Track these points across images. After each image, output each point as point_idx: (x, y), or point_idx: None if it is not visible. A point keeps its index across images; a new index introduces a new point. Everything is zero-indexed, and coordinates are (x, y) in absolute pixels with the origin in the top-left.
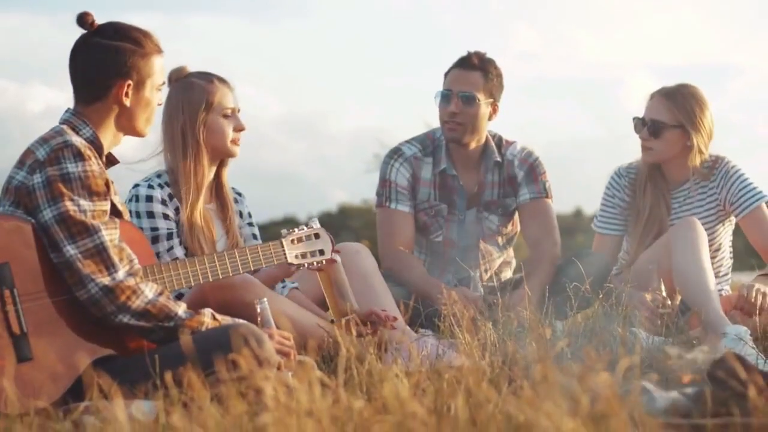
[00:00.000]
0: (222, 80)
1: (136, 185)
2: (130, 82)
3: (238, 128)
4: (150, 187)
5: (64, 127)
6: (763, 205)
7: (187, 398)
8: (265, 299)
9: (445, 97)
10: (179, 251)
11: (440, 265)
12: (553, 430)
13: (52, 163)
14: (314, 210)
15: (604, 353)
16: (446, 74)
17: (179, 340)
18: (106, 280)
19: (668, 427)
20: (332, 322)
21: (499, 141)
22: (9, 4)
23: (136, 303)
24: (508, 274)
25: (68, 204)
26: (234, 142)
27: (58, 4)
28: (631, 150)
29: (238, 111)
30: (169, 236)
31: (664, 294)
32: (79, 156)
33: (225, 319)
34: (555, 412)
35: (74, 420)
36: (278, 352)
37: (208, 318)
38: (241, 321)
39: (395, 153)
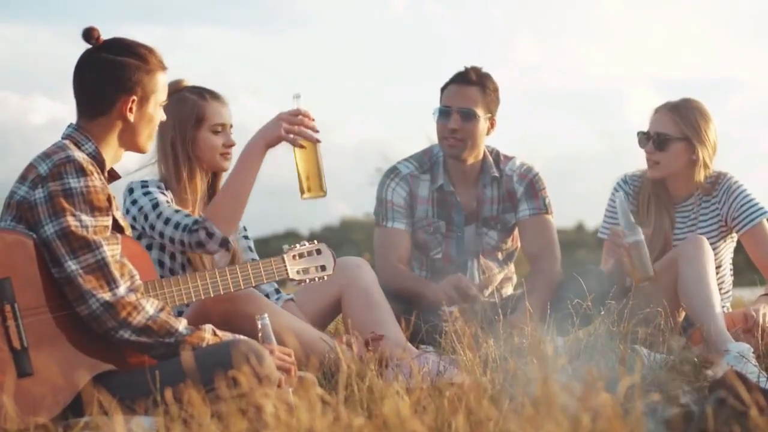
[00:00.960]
0: (215, 96)
1: (130, 183)
2: (134, 97)
3: (228, 144)
4: (144, 182)
5: (67, 142)
6: (765, 221)
7: (187, 415)
8: (266, 315)
9: (444, 113)
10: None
11: (439, 280)
12: None
13: (54, 178)
14: (316, 224)
15: (605, 371)
16: (443, 89)
17: (179, 357)
18: (107, 295)
19: None
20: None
21: (497, 156)
22: (11, 15)
23: (137, 319)
24: (509, 290)
25: (70, 219)
26: (223, 156)
27: (61, 15)
28: (632, 164)
29: (231, 127)
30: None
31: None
32: (81, 171)
33: (226, 335)
34: (556, 431)
35: None
36: (279, 369)
37: (208, 334)
38: (241, 337)
39: (391, 172)
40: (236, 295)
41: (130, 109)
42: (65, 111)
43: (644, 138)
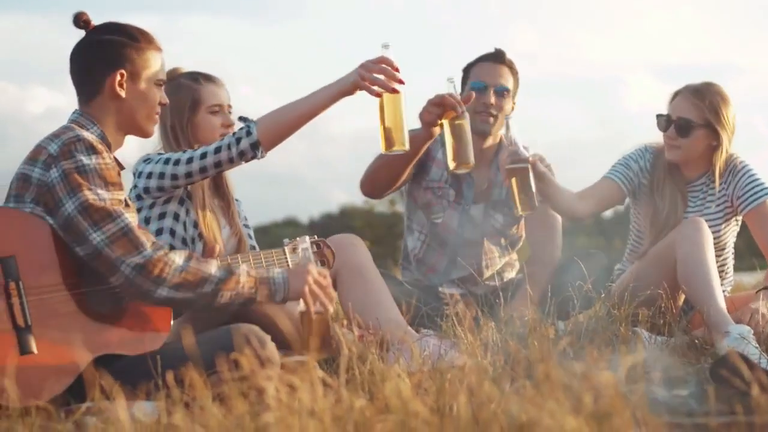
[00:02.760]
0: (209, 78)
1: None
2: (122, 71)
3: (226, 124)
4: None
5: (73, 125)
6: None
7: (189, 398)
8: (306, 237)
9: (482, 88)
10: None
11: (437, 247)
12: (556, 429)
13: (65, 157)
14: (315, 211)
15: (606, 352)
16: (471, 66)
17: (216, 310)
18: (137, 258)
19: (672, 426)
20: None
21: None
22: (8, 6)
23: (170, 272)
24: (511, 275)
25: (87, 193)
26: (222, 137)
27: (58, 6)
28: (641, 144)
29: (229, 107)
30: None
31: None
32: (91, 149)
33: (259, 273)
34: (558, 410)
35: (76, 420)
36: (314, 291)
37: (243, 277)
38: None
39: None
40: None
41: (120, 84)
42: (63, 101)
43: (665, 121)
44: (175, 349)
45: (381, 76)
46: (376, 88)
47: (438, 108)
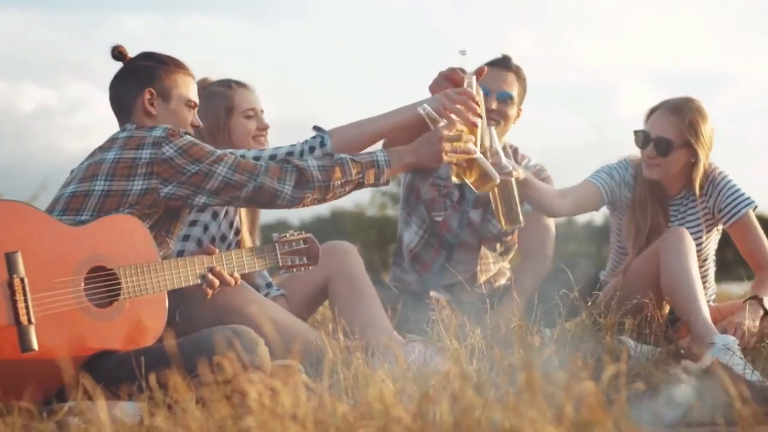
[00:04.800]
0: (240, 84)
1: None
2: (152, 89)
3: (261, 127)
4: None
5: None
6: (751, 212)
7: (171, 400)
8: (427, 105)
9: (485, 94)
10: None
11: (435, 244)
12: None
13: (175, 135)
14: (306, 214)
15: (590, 361)
16: None
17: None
18: (293, 174)
19: None
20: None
21: (515, 152)
22: (2, 3)
23: (313, 176)
24: (501, 282)
25: (219, 153)
26: (256, 139)
27: (52, 3)
28: (622, 157)
29: (261, 111)
30: None
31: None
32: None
33: (362, 158)
34: (539, 419)
35: (58, 421)
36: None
37: (348, 165)
38: (238, 326)
39: None
40: (225, 287)
41: (151, 102)
42: (54, 98)
43: (643, 139)
44: (159, 350)
45: (462, 109)
46: (457, 119)
47: (447, 81)
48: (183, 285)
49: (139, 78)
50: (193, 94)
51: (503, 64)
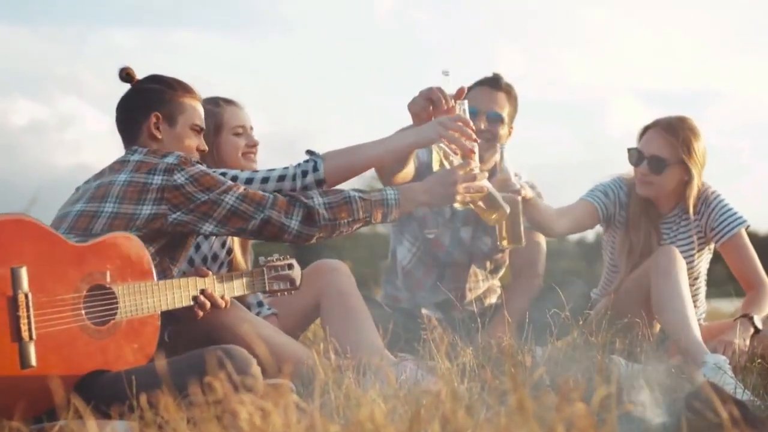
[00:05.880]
0: (229, 101)
1: None
2: (158, 113)
3: (251, 144)
4: None
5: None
6: (743, 230)
7: (162, 420)
8: (443, 145)
9: (474, 114)
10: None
11: (427, 262)
12: None
13: (186, 165)
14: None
15: (581, 382)
16: (468, 91)
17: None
18: (300, 210)
19: None
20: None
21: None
22: None
23: (321, 213)
24: (492, 301)
25: (230, 183)
26: (246, 156)
27: (42, 16)
28: (615, 174)
29: (251, 128)
30: None
31: None
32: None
33: (372, 196)
34: None
35: None
36: (467, 193)
37: (357, 203)
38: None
39: None
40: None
41: (156, 126)
42: (46, 113)
43: (637, 157)
44: (150, 370)
45: (457, 135)
46: (454, 147)
47: (426, 101)
48: (176, 306)
49: (146, 101)
50: (199, 119)
51: (493, 83)
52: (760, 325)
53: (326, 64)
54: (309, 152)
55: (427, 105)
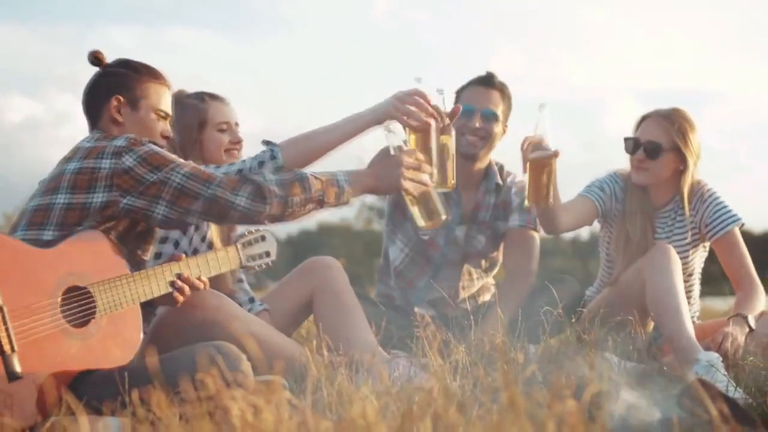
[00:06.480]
0: (214, 97)
1: None
2: (120, 97)
3: (234, 140)
4: None
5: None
6: (737, 229)
7: (154, 417)
8: (390, 124)
9: (468, 112)
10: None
11: (420, 262)
12: None
13: (137, 145)
14: (293, 228)
15: (573, 379)
16: (462, 90)
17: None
18: (249, 187)
19: None
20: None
21: (501, 169)
22: None
23: (274, 192)
24: (485, 298)
25: (180, 161)
26: (229, 152)
27: (40, 15)
28: (611, 171)
29: (236, 124)
30: None
31: None
32: (150, 141)
33: (325, 176)
34: None
35: None
36: (410, 179)
37: (310, 180)
38: (222, 342)
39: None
40: (208, 303)
41: (118, 109)
42: (41, 110)
43: (633, 145)
44: (141, 367)
45: (414, 109)
46: (410, 120)
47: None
48: (155, 295)
49: (109, 85)
50: (164, 104)
51: (487, 82)
52: (753, 324)
53: (325, 64)
54: (265, 142)
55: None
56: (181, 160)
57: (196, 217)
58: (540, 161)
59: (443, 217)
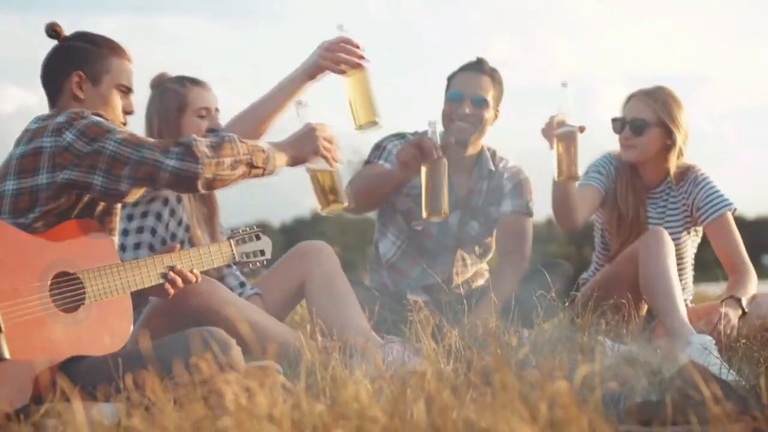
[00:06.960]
0: (196, 82)
1: None
2: (80, 72)
3: (214, 126)
4: None
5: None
6: (728, 213)
7: (148, 402)
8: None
9: (457, 98)
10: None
11: (413, 254)
12: None
13: (77, 118)
14: (287, 216)
15: (566, 361)
16: (453, 76)
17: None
18: (176, 148)
19: None
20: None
21: (494, 154)
22: None
23: (204, 152)
24: (479, 283)
25: (117, 130)
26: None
27: (30, 3)
28: (604, 152)
29: (216, 111)
30: None
31: None
32: (95, 113)
33: (252, 141)
34: (513, 419)
35: (34, 423)
36: (327, 148)
37: (237, 143)
38: (212, 328)
39: (397, 136)
40: (201, 290)
41: (79, 86)
42: (35, 99)
43: (619, 124)
44: (135, 352)
45: (343, 55)
46: (341, 66)
47: (415, 149)
48: (146, 285)
49: (69, 59)
50: (126, 79)
51: (477, 67)
52: (746, 307)
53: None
54: (209, 130)
55: (417, 154)
56: (120, 128)
57: (128, 183)
58: (568, 135)
59: (345, 204)
